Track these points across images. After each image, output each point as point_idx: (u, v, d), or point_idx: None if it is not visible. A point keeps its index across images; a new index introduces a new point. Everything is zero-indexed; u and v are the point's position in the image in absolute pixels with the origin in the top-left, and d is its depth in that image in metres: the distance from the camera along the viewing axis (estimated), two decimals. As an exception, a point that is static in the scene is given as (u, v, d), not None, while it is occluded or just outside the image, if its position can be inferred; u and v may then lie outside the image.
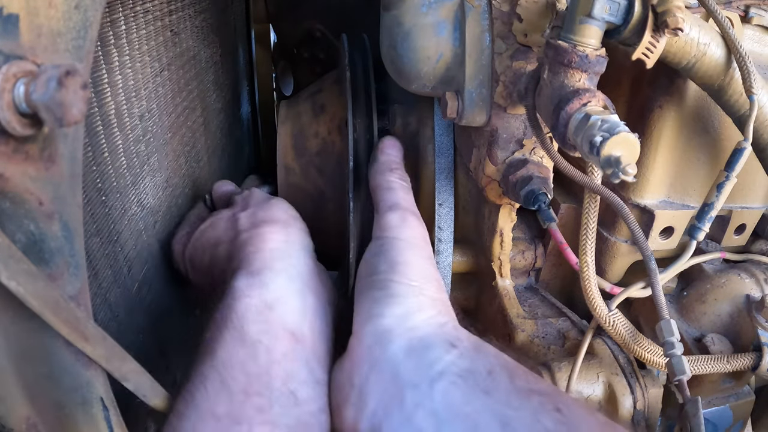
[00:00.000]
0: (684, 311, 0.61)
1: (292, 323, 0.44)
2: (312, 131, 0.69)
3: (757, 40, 0.57)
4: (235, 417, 0.38)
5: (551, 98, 0.45)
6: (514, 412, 0.35)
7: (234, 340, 0.42)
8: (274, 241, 0.48)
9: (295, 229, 0.52)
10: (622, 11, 0.43)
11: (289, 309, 0.45)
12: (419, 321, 0.42)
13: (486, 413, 0.35)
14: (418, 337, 0.41)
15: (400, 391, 0.38)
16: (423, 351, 0.40)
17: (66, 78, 0.24)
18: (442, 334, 0.42)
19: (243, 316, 0.43)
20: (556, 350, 0.62)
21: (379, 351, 0.41)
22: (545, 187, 0.55)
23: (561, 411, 0.35)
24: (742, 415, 0.62)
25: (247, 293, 0.44)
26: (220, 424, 0.38)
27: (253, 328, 0.42)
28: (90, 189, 0.42)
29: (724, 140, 0.58)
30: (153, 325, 0.57)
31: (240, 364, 0.40)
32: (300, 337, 0.44)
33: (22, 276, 0.27)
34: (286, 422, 0.40)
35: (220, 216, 0.56)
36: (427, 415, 0.36)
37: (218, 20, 0.77)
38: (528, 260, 0.71)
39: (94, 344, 0.32)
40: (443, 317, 0.43)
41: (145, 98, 0.52)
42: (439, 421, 0.36)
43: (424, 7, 0.54)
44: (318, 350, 0.46)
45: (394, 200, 0.53)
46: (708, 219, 0.55)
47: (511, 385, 0.37)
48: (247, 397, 0.39)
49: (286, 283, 0.46)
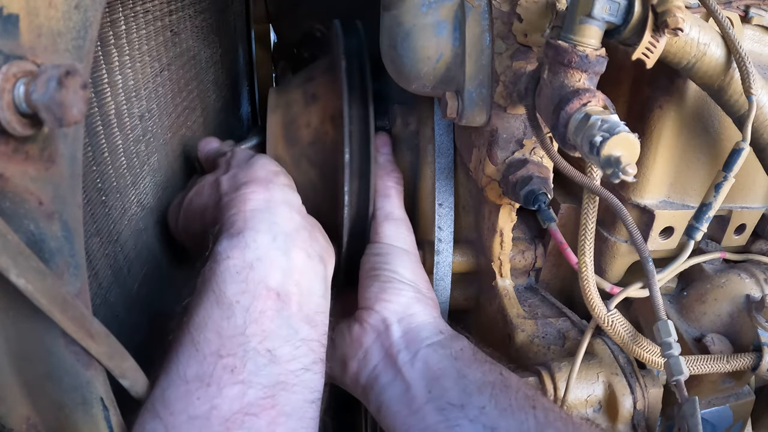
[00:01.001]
0: (684, 311, 0.61)
1: (275, 282, 0.44)
2: (304, 121, 0.67)
3: (757, 40, 0.57)
4: (204, 379, 0.38)
5: (551, 98, 0.45)
6: (469, 370, 0.50)
7: (210, 303, 0.41)
8: (254, 201, 0.48)
9: (277, 186, 0.51)
10: (622, 11, 0.43)
11: (272, 267, 0.45)
12: (417, 310, 0.55)
13: (451, 369, 0.50)
14: (416, 321, 0.54)
15: (396, 354, 0.52)
16: (417, 331, 0.54)
17: (66, 78, 0.24)
18: (433, 322, 0.55)
19: (222, 278, 0.42)
20: (556, 350, 0.62)
21: (385, 326, 0.54)
22: (545, 187, 0.55)
23: (502, 374, 0.50)
24: (742, 415, 0.62)
25: (227, 254, 0.44)
26: (188, 387, 0.38)
27: (231, 288, 0.42)
28: (90, 189, 0.42)
29: (724, 140, 0.58)
30: (153, 324, 0.57)
31: (214, 326, 0.40)
32: (284, 295, 0.44)
33: (31, 273, 0.27)
34: (260, 381, 0.40)
35: (204, 182, 0.56)
36: (410, 368, 0.51)
37: (218, 20, 0.77)
38: (528, 260, 0.71)
39: (99, 342, 0.32)
40: (434, 311, 0.57)
41: (145, 98, 0.52)
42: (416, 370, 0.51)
43: (424, 7, 0.54)
44: (305, 308, 0.45)
45: (389, 209, 0.63)
46: (706, 219, 0.55)
47: (473, 356, 0.52)
48: (219, 359, 0.39)
49: (269, 242, 0.46)
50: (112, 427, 0.34)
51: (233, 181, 0.52)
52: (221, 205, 0.50)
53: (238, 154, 0.57)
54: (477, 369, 0.50)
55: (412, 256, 0.61)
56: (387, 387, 0.51)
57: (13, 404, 0.32)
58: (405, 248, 0.60)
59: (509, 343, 0.64)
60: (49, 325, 0.30)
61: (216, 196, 0.52)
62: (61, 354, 0.31)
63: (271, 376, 0.40)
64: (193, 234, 0.57)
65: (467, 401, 0.47)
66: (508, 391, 0.48)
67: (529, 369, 0.58)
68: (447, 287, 0.70)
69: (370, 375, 0.53)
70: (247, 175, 0.51)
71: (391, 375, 0.52)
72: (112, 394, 0.34)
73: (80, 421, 0.33)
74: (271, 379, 0.40)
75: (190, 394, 0.37)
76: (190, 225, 0.56)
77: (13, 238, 0.26)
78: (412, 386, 0.50)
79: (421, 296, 0.57)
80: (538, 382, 0.56)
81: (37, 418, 0.32)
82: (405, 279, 0.57)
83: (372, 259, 0.59)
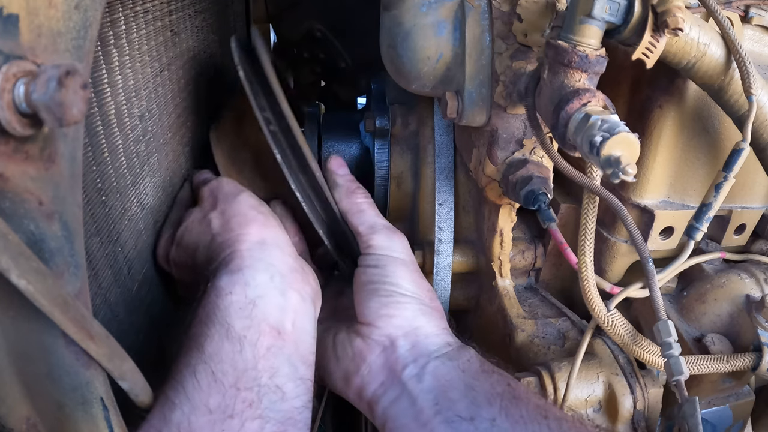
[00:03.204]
0: (684, 311, 0.61)
1: (274, 319, 0.46)
2: (241, 141, 0.67)
3: (757, 40, 0.57)
4: (227, 411, 0.40)
5: (551, 98, 0.45)
6: (477, 382, 0.49)
7: (220, 336, 0.43)
8: (248, 242, 0.49)
9: (268, 228, 0.52)
10: (622, 11, 0.43)
11: (271, 306, 0.46)
12: (422, 323, 0.54)
13: (459, 381, 0.49)
14: (422, 334, 0.53)
15: (402, 369, 0.51)
16: (425, 344, 0.52)
17: (66, 78, 0.24)
18: (440, 334, 0.54)
19: (227, 312, 0.44)
20: (556, 350, 0.62)
21: (390, 341, 0.53)
22: (545, 187, 0.55)
23: (510, 384, 0.49)
24: (742, 415, 0.62)
25: (229, 290, 0.45)
26: (213, 417, 0.39)
27: (238, 323, 0.44)
28: (90, 189, 0.42)
29: (724, 140, 0.58)
30: (153, 324, 0.57)
31: (228, 359, 0.42)
32: (282, 332, 0.46)
33: (32, 274, 0.27)
34: (275, 416, 0.42)
35: (192, 218, 0.56)
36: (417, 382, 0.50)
37: (218, 20, 0.77)
38: (528, 260, 0.71)
39: (99, 343, 0.32)
40: (441, 321, 0.55)
41: (145, 98, 0.52)
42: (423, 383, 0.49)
43: (424, 7, 0.54)
44: (301, 347, 0.47)
45: (371, 221, 0.59)
46: (706, 219, 0.55)
47: (480, 368, 0.50)
48: (238, 392, 0.41)
49: (267, 281, 0.47)
50: (112, 427, 0.34)
51: (223, 220, 0.53)
52: (215, 245, 0.51)
53: (223, 186, 0.57)
54: (485, 380, 0.49)
55: (410, 265, 0.58)
56: (393, 402, 0.50)
57: (13, 404, 0.32)
58: (402, 258, 0.57)
59: (509, 343, 0.64)
60: (49, 325, 0.29)
61: (208, 235, 0.53)
62: (61, 354, 0.31)
63: (282, 411, 0.43)
64: (183, 267, 0.57)
65: (476, 413, 0.46)
66: (518, 402, 0.47)
67: (529, 369, 0.58)
68: (447, 287, 0.70)
69: (375, 391, 0.52)
70: (237, 215, 0.52)
71: (397, 390, 0.50)
72: (112, 394, 0.34)
73: (80, 421, 0.33)
74: (283, 415, 0.43)
75: (214, 424, 0.39)
76: (182, 259, 0.57)
77: (14, 239, 0.26)
78: (419, 400, 0.49)
79: (425, 308, 0.55)
80: (538, 382, 0.56)
81: (37, 418, 0.32)
82: (407, 292, 0.55)
83: (369, 271, 0.56)
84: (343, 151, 0.81)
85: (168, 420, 0.38)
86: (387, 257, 0.57)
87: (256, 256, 0.48)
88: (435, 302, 0.57)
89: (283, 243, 0.52)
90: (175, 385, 0.40)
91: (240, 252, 0.48)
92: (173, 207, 0.64)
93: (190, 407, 0.39)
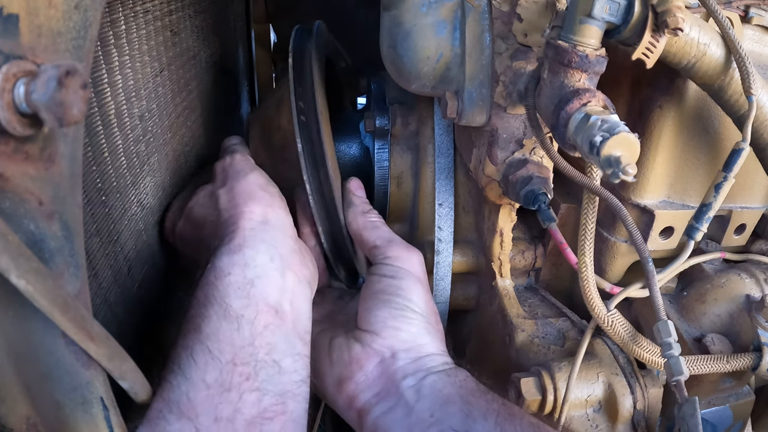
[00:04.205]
0: (684, 311, 0.61)
1: (273, 299, 0.46)
2: (275, 125, 0.67)
3: (757, 40, 0.57)
4: (225, 385, 0.41)
5: (551, 98, 0.45)
6: (473, 398, 0.50)
7: (218, 316, 0.43)
8: (252, 221, 0.50)
9: (273, 208, 0.52)
10: (622, 11, 0.43)
11: (270, 286, 0.47)
12: (426, 341, 0.55)
13: (455, 396, 0.50)
14: (425, 351, 0.54)
15: (400, 380, 0.51)
16: (425, 360, 0.53)
17: (66, 78, 0.24)
18: (441, 354, 0.55)
19: (225, 293, 0.44)
20: (556, 350, 0.62)
21: (392, 353, 0.53)
22: (545, 187, 0.55)
23: (504, 404, 0.49)
24: (742, 415, 0.62)
25: (228, 271, 0.45)
26: (211, 391, 0.40)
27: (236, 303, 0.44)
28: (90, 189, 0.42)
29: (724, 140, 0.58)
30: (152, 324, 0.57)
31: (226, 337, 0.42)
32: (280, 312, 0.46)
33: (32, 275, 0.27)
34: (273, 389, 0.43)
35: (203, 193, 0.57)
36: (414, 393, 0.50)
37: (218, 20, 0.77)
38: (528, 260, 0.71)
39: (99, 343, 0.32)
40: (441, 345, 0.56)
41: (145, 98, 0.52)
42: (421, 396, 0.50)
43: (424, 7, 0.54)
44: (298, 326, 0.48)
45: (388, 236, 0.61)
46: (706, 219, 0.55)
47: (476, 387, 0.52)
48: (235, 367, 0.41)
49: (267, 262, 0.48)
50: (112, 427, 0.34)
51: (230, 196, 0.53)
52: (220, 221, 0.51)
53: (236, 163, 0.58)
54: (480, 398, 0.50)
55: (425, 283, 0.58)
56: (387, 412, 0.50)
57: (13, 404, 0.32)
58: (418, 276, 0.58)
59: (509, 343, 0.64)
60: (49, 325, 0.29)
61: (215, 210, 0.53)
62: (61, 354, 0.31)
63: (280, 384, 0.44)
64: (188, 240, 0.58)
65: (472, 427, 0.47)
66: (513, 419, 0.47)
67: (529, 369, 0.58)
68: (447, 287, 0.70)
69: (369, 400, 0.52)
70: (243, 192, 0.53)
71: (393, 400, 0.51)
72: (112, 394, 0.34)
73: (80, 421, 0.32)
74: (281, 388, 0.43)
75: (212, 398, 0.40)
76: (189, 233, 0.58)
77: (14, 239, 0.26)
78: (415, 411, 0.49)
79: (431, 327, 0.56)
80: (538, 382, 0.56)
81: (37, 418, 0.32)
82: (418, 309, 0.55)
83: (384, 280, 0.57)
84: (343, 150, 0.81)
85: (167, 400, 0.39)
86: (404, 270, 0.57)
87: (258, 236, 0.48)
88: (439, 325, 0.58)
89: (285, 223, 0.53)
90: (173, 368, 0.41)
91: (242, 230, 0.48)
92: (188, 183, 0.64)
93: (187, 385, 0.40)
